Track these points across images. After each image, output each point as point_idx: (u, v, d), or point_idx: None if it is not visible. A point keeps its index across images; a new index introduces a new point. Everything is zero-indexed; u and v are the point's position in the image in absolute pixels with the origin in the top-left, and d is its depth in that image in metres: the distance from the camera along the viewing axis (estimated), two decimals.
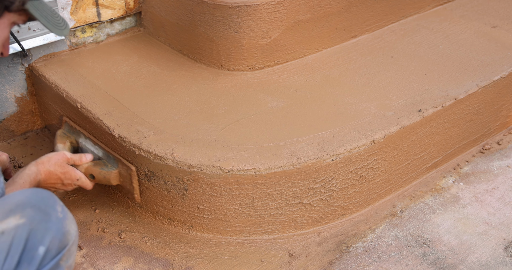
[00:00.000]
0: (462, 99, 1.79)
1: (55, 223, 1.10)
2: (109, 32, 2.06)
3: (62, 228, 1.11)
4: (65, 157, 1.54)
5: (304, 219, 1.63)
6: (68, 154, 1.56)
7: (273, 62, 1.93)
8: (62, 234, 1.11)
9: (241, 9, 1.80)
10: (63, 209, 1.15)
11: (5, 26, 1.22)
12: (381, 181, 1.72)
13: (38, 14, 1.26)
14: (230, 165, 1.50)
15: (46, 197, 1.13)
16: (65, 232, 1.12)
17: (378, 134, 1.62)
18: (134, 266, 1.54)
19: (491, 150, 1.99)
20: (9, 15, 1.22)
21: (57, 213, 1.12)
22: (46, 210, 1.11)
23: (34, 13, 1.25)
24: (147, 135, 1.59)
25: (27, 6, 1.23)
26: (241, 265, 1.55)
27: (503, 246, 1.61)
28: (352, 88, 1.82)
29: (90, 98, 1.75)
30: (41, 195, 1.13)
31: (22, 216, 1.07)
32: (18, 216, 1.07)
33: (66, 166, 1.53)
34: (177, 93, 1.79)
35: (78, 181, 1.55)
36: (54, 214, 1.11)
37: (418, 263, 1.56)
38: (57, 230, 1.10)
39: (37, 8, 1.26)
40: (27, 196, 1.11)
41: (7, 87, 1.91)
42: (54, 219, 1.11)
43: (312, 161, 1.53)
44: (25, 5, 1.22)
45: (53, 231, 1.09)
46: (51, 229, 1.09)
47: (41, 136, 2.02)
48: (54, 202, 1.14)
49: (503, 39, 2.09)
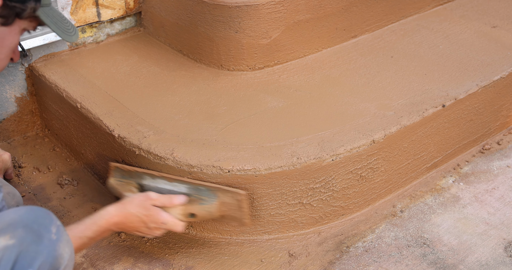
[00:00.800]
0: (462, 99, 1.79)
1: (47, 246, 1.05)
2: (109, 32, 2.06)
3: (54, 251, 1.06)
4: (149, 197, 1.40)
5: (304, 219, 1.63)
6: (154, 195, 1.41)
7: (273, 62, 1.93)
8: (54, 258, 1.06)
9: (241, 9, 1.80)
10: (58, 230, 1.09)
11: (15, 32, 1.23)
12: (381, 181, 1.72)
13: (48, 21, 1.27)
14: (230, 165, 1.50)
15: (41, 217, 1.08)
16: (57, 255, 1.06)
17: (378, 134, 1.62)
18: (134, 266, 1.54)
19: (491, 150, 1.99)
20: (20, 22, 1.22)
21: (51, 235, 1.07)
22: (39, 231, 1.05)
23: (45, 20, 1.26)
24: (147, 135, 1.59)
25: (38, 13, 1.23)
26: (241, 265, 1.55)
27: (503, 246, 1.61)
28: (352, 88, 1.82)
29: (90, 98, 1.75)
30: (36, 214, 1.07)
31: (12, 237, 1.02)
32: (8, 237, 1.02)
33: (151, 208, 1.39)
34: (177, 93, 1.79)
35: (165, 225, 1.41)
36: (47, 235, 1.06)
37: (418, 263, 1.56)
38: (48, 254, 1.05)
39: (48, 14, 1.27)
40: (20, 215, 1.06)
41: (7, 87, 1.91)
42: (46, 241, 1.05)
43: (312, 161, 1.53)
44: (36, 12, 1.23)
45: (44, 254, 1.04)
46: (42, 252, 1.04)
47: (41, 136, 2.02)
48: (50, 222, 1.08)
49: (503, 39, 2.09)
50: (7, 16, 1.19)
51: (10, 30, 1.21)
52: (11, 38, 1.22)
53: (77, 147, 1.86)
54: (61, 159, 1.91)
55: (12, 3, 1.17)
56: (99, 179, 1.81)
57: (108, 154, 1.69)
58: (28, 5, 1.20)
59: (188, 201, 1.46)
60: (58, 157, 1.92)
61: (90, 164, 1.84)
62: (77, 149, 1.87)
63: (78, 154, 1.88)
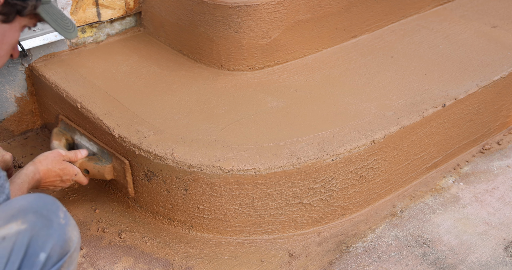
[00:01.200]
0: (462, 99, 1.79)
1: (57, 230, 1.09)
2: (109, 32, 2.06)
3: (64, 234, 1.10)
4: (60, 154, 1.55)
5: (304, 219, 1.63)
6: (63, 151, 1.57)
7: (273, 62, 1.93)
8: (64, 241, 1.10)
9: (241, 9, 1.80)
10: (66, 215, 1.13)
11: (16, 29, 1.24)
12: (381, 181, 1.72)
13: (48, 18, 1.28)
14: (230, 165, 1.50)
15: (49, 203, 1.12)
16: (67, 238, 1.11)
17: (378, 134, 1.62)
18: (134, 266, 1.54)
19: (491, 150, 1.99)
20: (21, 19, 1.23)
21: (60, 219, 1.11)
22: (48, 216, 1.09)
23: (45, 17, 1.27)
24: (147, 135, 1.59)
25: (38, 10, 1.25)
26: (241, 265, 1.55)
27: (503, 246, 1.61)
28: (352, 88, 1.82)
29: (90, 98, 1.75)
30: (44, 200, 1.12)
31: (23, 222, 1.06)
32: (19, 222, 1.06)
33: (63, 163, 1.55)
34: (177, 93, 1.79)
35: (76, 176, 1.57)
36: (56, 220, 1.10)
37: (418, 263, 1.56)
38: (58, 237, 1.09)
39: (48, 12, 1.28)
40: (29, 202, 1.10)
41: (7, 87, 1.91)
42: (56, 225, 1.09)
43: (312, 161, 1.53)
44: (36, 9, 1.24)
45: (54, 237, 1.08)
46: (52, 235, 1.08)
47: (41, 136, 2.02)
48: (57, 208, 1.13)
49: (503, 39, 2.09)
50: (8, 13, 1.20)
51: (11, 27, 1.22)
52: (11, 35, 1.23)
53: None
54: None
55: (14, 1, 1.18)
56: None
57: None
58: (29, 2, 1.21)
59: (89, 158, 1.63)
60: None
61: None
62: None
63: None
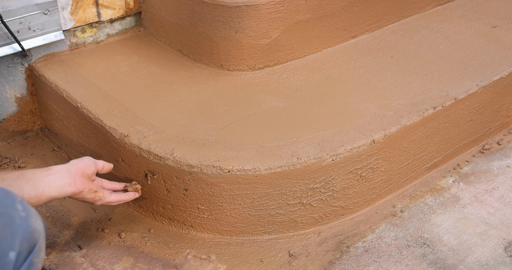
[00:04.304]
0: (462, 99, 1.79)
1: (20, 225, 1.03)
2: (109, 32, 2.06)
3: (28, 227, 1.05)
4: None
5: (304, 219, 1.63)
6: None
7: (273, 62, 1.93)
8: (30, 233, 1.05)
9: (241, 9, 1.80)
10: (24, 206, 1.07)
11: None
12: (381, 181, 1.72)
13: None
14: (230, 165, 1.50)
15: (3, 198, 1.05)
16: (32, 230, 1.05)
17: (378, 134, 1.62)
18: (134, 266, 1.54)
19: (491, 150, 1.99)
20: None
21: (19, 213, 1.04)
22: (7, 213, 1.03)
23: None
24: (147, 135, 1.59)
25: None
26: (241, 265, 1.55)
27: (503, 246, 1.61)
28: (352, 88, 1.82)
29: (90, 98, 1.75)
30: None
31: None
32: None
33: None
34: (177, 93, 1.79)
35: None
36: (16, 215, 1.04)
37: (418, 263, 1.56)
38: (24, 231, 1.03)
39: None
40: None
41: (7, 87, 1.91)
42: (18, 220, 1.03)
43: (312, 161, 1.53)
44: None
45: (19, 233, 1.03)
46: (17, 232, 1.02)
47: (41, 136, 2.02)
48: (13, 201, 1.06)
49: (503, 39, 2.09)
50: None
51: None
52: None
53: (77, 147, 1.86)
54: (61, 159, 1.91)
55: None
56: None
57: (108, 154, 1.69)
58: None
59: None
60: (58, 157, 1.92)
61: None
62: (77, 149, 1.87)
63: (78, 154, 1.88)
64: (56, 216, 1.69)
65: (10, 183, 1.25)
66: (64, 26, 1.90)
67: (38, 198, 1.29)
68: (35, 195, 1.28)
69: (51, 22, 1.85)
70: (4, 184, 1.24)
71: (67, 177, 1.36)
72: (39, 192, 1.29)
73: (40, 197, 1.29)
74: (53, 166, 1.37)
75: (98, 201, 1.45)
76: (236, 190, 1.54)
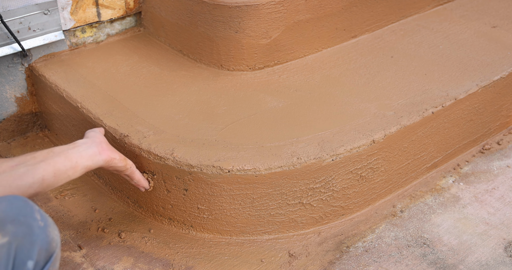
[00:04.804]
0: (462, 99, 1.79)
1: (39, 235, 1.04)
2: (109, 32, 2.06)
3: (47, 237, 1.06)
4: None
5: (304, 219, 1.63)
6: None
7: (273, 62, 1.93)
8: (48, 243, 1.06)
9: (241, 9, 1.80)
10: (42, 216, 1.08)
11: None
12: (381, 181, 1.72)
13: None
14: (230, 165, 1.50)
15: (22, 206, 1.06)
16: (50, 240, 1.06)
17: (378, 134, 1.62)
18: (134, 266, 1.54)
19: (491, 150, 1.99)
20: None
21: (38, 223, 1.05)
22: (27, 222, 1.04)
23: None
24: (147, 135, 1.59)
25: None
26: (241, 265, 1.55)
27: (503, 246, 1.61)
28: (352, 88, 1.82)
29: (90, 98, 1.75)
30: (16, 205, 1.05)
31: (4, 235, 1.01)
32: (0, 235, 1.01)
33: None
34: (177, 93, 1.79)
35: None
36: (35, 224, 1.05)
37: (418, 263, 1.56)
38: (42, 241, 1.04)
39: None
40: (3, 211, 1.04)
41: (7, 87, 1.91)
42: (37, 230, 1.04)
43: (312, 161, 1.53)
44: None
45: (38, 243, 1.04)
46: (36, 241, 1.04)
47: (41, 136, 2.02)
48: (32, 210, 1.07)
49: (503, 39, 2.09)
50: None
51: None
52: None
53: None
54: None
55: None
56: (99, 178, 1.81)
57: None
58: None
59: None
60: None
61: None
62: None
63: None
64: (56, 216, 1.69)
65: (43, 159, 1.25)
66: (64, 26, 1.90)
67: (73, 169, 1.30)
68: (70, 166, 1.29)
69: (51, 22, 1.86)
70: (37, 161, 1.24)
71: (95, 146, 1.37)
72: (73, 163, 1.30)
73: (75, 168, 1.30)
74: (76, 140, 1.38)
75: (128, 170, 1.47)
76: (236, 190, 1.54)
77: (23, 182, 1.18)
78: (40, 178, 1.22)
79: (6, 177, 1.17)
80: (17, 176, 1.18)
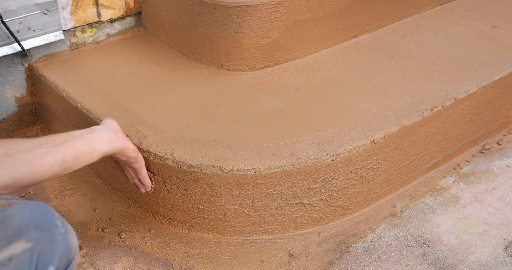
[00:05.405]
0: (462, 99, 1.79)
1: (60, 241, 1.07)
2: (109, 32, 2.06)
3: (67, 244, 1.09)
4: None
5: (304, 219, 1.63)
6: None
7: (273, 62, 1.93)
8: (68, 250, 1.09)
9: (241, 9, 1.80)
10: (63, 223, 1.11)
11: None
12: (381, 181, 1.72)
13: None
14: (230, 165, 1.50)
15: (45, 213, 1.09)
16: (70, 247, 1.09)
17: (378, 134, 1.62)
18: (134, 266, 1.54)
19: (491, 150, 1.99)
20: None
21: (59, 229, 1.08)
22: (49, 229, 1.07)
23: None
24: (147, 135, 1.59)
25: None
26: (241, 265, 1.55)
27: (503, 246, 1.61)
28: (352, 88, 1.82)
29: (90, 98, 1.75)
30: (39, 212, 1.09)
31: (27, 240, 1.03)
32: (23, 241, 1.03)
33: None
34: (177, 93, 1.79)
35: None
36: (57, 231, 1.08)
37: (418, 263, 1.56)
38: (63, 247, 1.07)
39: None
40: (27, 217, 1.07)
41: (7, 87, 1.91)
42: (58, 236, 1.07)
43: (312, 161, 1.53)
44: None
45: (59, 249, 1.07)
46: (57, 248, 1.06)
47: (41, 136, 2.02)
48: (53, 217, 1.10)
49: (503, 39, 2.09)
50: None
51: None
52: None
53: None
54: None
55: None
56: (99, 178, 1.81)
57: None
58: None
59: None
60: None
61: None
62: None
63: None
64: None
65: (63, 142, 1.26)
66: (64, 26, 1.90)
67: (92, 153, 1.31)
68: (89, 150, 1.30)
69: (51, 22, 1.86)
70: (57, 143, 1.25)
71: (112, 133, 1.38)
72: (91, 147, 1.31)
73: (93, 152, 1.31)
74: (92, 126, 1.39)
75: (138, 162, 1.49)
76: (236, 190, 1.54)
77: (44, 161, 1.19)
78: (61, 159, 1.23)
79: (28, 155, 1.18)
80: (39, 155, 1.19)
